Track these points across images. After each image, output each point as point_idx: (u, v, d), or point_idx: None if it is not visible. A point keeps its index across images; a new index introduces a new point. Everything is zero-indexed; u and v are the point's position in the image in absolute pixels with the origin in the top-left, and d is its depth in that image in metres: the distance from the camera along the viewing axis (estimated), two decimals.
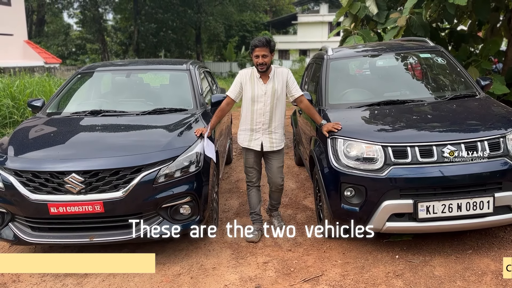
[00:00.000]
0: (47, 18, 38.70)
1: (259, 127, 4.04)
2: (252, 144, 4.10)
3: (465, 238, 3.92)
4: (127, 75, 5.24)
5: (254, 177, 4.26)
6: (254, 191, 4.30)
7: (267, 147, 4.07)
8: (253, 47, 3.89)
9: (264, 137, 4.05)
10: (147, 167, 3.53)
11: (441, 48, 5.05)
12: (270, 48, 3.90)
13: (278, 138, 4.09)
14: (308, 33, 45.33)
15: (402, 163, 3.48)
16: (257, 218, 4.31)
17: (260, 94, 3.97)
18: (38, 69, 17.29)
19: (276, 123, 4.05)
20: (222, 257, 3.87)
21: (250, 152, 4.17)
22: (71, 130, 4.20)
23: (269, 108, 3.99)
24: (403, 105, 4.27)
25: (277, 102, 3.99)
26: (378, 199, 3.49)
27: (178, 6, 35.58)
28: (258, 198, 4.31)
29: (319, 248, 3.96)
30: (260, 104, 3.98)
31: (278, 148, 4.12)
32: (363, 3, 7.52)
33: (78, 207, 3.45)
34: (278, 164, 4.16)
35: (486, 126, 3.69)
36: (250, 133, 4.10)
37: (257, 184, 4.28)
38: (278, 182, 4.19)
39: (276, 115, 4.03)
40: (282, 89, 4.01)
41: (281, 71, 4.04)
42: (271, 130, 4.04)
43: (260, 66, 3.90)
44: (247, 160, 4.22)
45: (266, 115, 4.00)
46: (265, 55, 3.87)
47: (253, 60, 3.94)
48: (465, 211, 3.38)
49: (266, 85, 3.99)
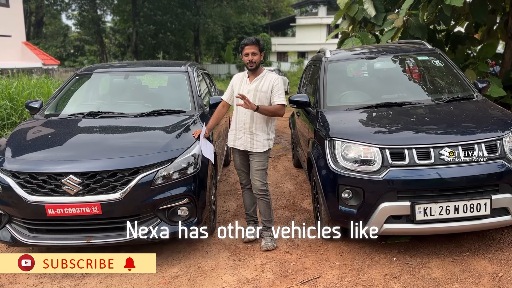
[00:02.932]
0: (45, 19, 38.69)
1: (241, 126, 4.00)
2: (236, 143, 4.07)
3: (462, 240, 3.93)
4: (125, 76, 5.24)
5: (243, 179, 4.22)
6: (246, 193, 4.27)
7: (248, 147, 4.00)
8: (243, 45, 3.92)
9: (246, 137, 3.99)
10: (145, 169, 3.53)
11: (438, 50, 5.07)
12: (259, 47, 3.92)
13: (260, 140, 3.96)
14: (307, 35, 45.39)
15: (400, 165, 3.48)
16: (251, 219, 4.31)
17: (244, 92, 3.92)
18: (36, 71, 17.28)
19: (258, 125, 3.95)
20: (219, 258, 3.86)
21: (236, 153, 4.15)
22: (68, 132, 4.20)
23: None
24: (401, 107, 4.28)
25: (258, 103, 3.87)
26: (375, 201, 3.49)
27: (177, 8, 35.65)
28: (251, 200, 4.26)
29: (316, 250, 3.96)
30: (241, 102, 3.87)
31: (258, 150, 3.98)
32: (361, 5, 7.54)
33: (76, 208, 3.45)
34: (258, 167, 4.01)
35: (483, 129, 3.71)
36: (235, 133, 4.08)
37: (248, 186, 4.22)
38: (257, 186, 4.03)
39: (258, 116, 3.93)
40: (266, 92, 3.92)
41: (271, 76, 4.00)
42: (252, 131, 3.96)
43: (250, 64, 3.90)
44: (235, 162, 4.22)
45: (247, 114, 3.94)
46: (254, 53, 3.88)
47: (243, 59, 3.97)
48: (462, 213, 3.39)
49: (250, 84, 3.99)
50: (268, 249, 3.99)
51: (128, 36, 37.57)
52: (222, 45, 42.54)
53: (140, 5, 35.83)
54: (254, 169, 4.03)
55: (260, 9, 44.60)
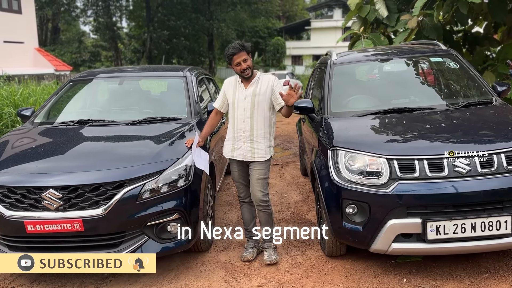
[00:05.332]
0: (60, 26, 39.07)
1: (240, 135, 3.73)
2: (235, 154, 3.79)
3: (481, 260, 3.56)
4: (119, 82, 4.97)
5: (242, 192, 3.94)
6: (245, 207, 3.98)
7: (248, 156, 3.73)
8: (230, 56, 3.63)
9: (245, 146, 3.72)
10: (130, 182, 3.26)
11: (453, 51, 4.70)
12: (247, 50, 3.66)
13: (261, 148, 3.71)
14: (322, 38, 44.94)
15: (409, 178, 3.14)
16: (251, 235, 3.98)
17: (241, 99, 3.71)
18: (48, 77, 17.29)
19: (259, 132, 3.70)
20: (213, 279, 3.56)
21: (234, 164, 3.87)
22: (52, 142, 3.96)
23: (249, 114, 3.69)
24: (412, 113, 3.93)
25: (258, 108, 3.68)
26: (383, 218, 3.16)
27: (191, 13, 35.65)
28: (250, 214, 3.98)
29: (319, 269, 3.63)
30: (240, 110, 3.71)
31: (260, 159, 3.73)
32: (372, 5, 7.21)
33: (56, 225, 3.20)
34: (259, 176, 3.74)
35: (503, 137, 3.33)
36: (233, 143, 3.79)
37: (246, 199, 3.93)
38: (258, 196, 3.76)
39: (259, 122, 3.70)
40: (265, 95, 3.69)
41: (267, 78, 3.77)
42: (252, 138, 3.70)
43: (245, 72, 3.65)
44: (233, 173, 3.92)
45: (246, 121, 3.69)
46: (245, 59, 3.62)
47: (235, 70, 3.69)
48: (479, 232, 3.03)
49: (246, 89, 3.73)
50: (272, 262, 3.72)
51: (143, 42, 37.68)
52: None
53: (154, 10, 35.95)
54: (255, 179, 3.74)
55: (274, 12, 44.31)
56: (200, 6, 36.21)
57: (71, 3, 36.54)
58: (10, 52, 17.94)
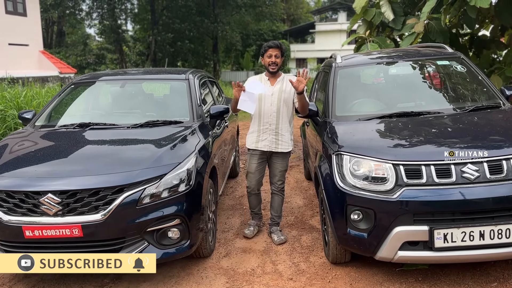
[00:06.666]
0: (65, 29, 39.14)
1: (266, 127, 4.11)
2: (260, 145, 4.15)
3: (489, 268, 3.47)
4: (121, 85, 4.91)
5: (253, 184, 4.30)
6: (253, 197, 4.41)
7: (273, 147, 4.13)
8: (267, 47, 4.08)
9: (271, 137, 4.11)
10: (129, 187, 3.19)
11: (460, 54, 4.62)
12: (282, 51, 4.08)
13: (285, 140, 4.13)
14: (326, 41, 44.84)
15: (416, 184, 3.06)
16: (256, 216, 4.50)
17: (268, 95, 4.07)
18: (52, 79, 17.29)
19: (283, 125, 4.11)
20: (215, 286, 3.49)
21: (255, 157, 4.22)
22: (52, 145, 3.90)
23: (275, 109, 4.07)
24: (418, 117, 3.85)
25: (284, 104, 4.07)
26: (388, 225, 3.07)
27: (195, 16, 35.60)
28: (257, 201, 4.45)
29: (324, 277, 3.55)
30: (267, 105, 4.08)
31: (283, 150, 4.15)
32: (378, 9, 7.14)
33: (55, 230, 3.13)
34: (282, 168, 4.24)
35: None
36: (258, 134, 4.16)
37: (255, 191, 4.35)
38: (278, 184, 4.30)
39: (283, 117, 4.09)
40: (289, 93, 4.08)
41: (290, 78, 3.99)
42: (277, 131, 4.10)
43: (272, 65, 4.05)
44: (250, 165, 4.27)
45: (273, 115, 4.08)
46: (277, 55, 4.05)
47: (264, 61, 4.11)
48: (488, 240, 2.94)
49: (273, 86, 4.11)
50: (282, 242, 4.19)
51: (148, 45, 37.67)
52: (241, 52, 42.31)
53: (159, 13, 35.94)
54: (278, 170, 4.25)
55: (279, 16, 44.20)
56: (205, 9, 36.15)
57: (76, 6, 36.59)
58: (15, 54, 17.96)
